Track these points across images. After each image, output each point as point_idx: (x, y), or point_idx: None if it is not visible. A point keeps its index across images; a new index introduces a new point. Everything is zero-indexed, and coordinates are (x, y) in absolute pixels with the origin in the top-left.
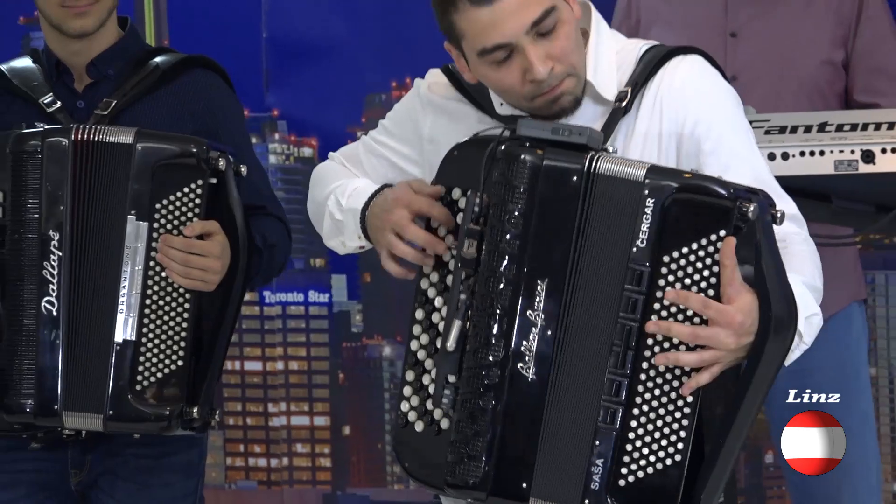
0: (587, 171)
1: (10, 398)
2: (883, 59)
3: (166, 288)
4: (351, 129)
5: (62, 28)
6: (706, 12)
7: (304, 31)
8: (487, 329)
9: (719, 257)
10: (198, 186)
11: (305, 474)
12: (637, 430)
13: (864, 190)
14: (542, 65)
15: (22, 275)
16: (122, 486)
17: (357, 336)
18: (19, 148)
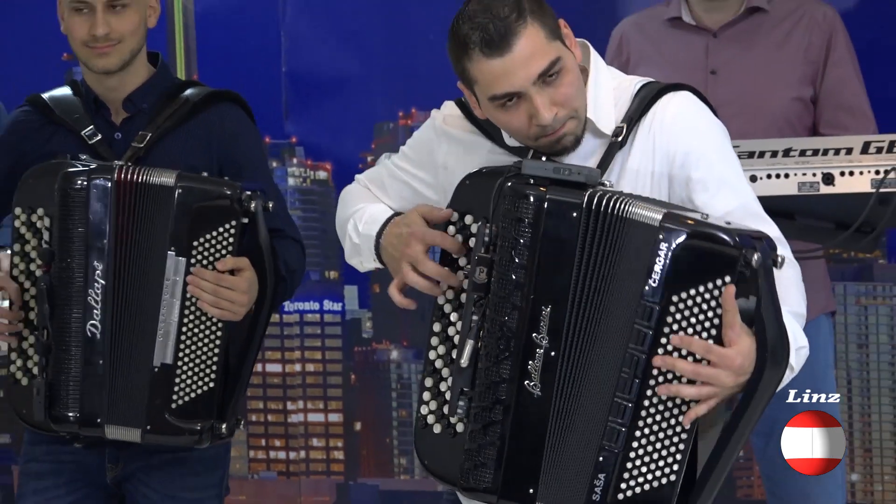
0: (586, 207)
1: (56, 410)
2: (847, 97)
3: (200, 317)
4: (362, 154)
5: (87, 65)
6: (689, 53)
7: (319, 66)
8: (497, 349)
9: (722, 301)
10: (231, 226)
11: (320, 466)
12: (637, 451)
13: (824, 209)
14: (547, 112)
15: (69, 300)
16: (157, 477)
17: (367, 341)
18: (66, 185)
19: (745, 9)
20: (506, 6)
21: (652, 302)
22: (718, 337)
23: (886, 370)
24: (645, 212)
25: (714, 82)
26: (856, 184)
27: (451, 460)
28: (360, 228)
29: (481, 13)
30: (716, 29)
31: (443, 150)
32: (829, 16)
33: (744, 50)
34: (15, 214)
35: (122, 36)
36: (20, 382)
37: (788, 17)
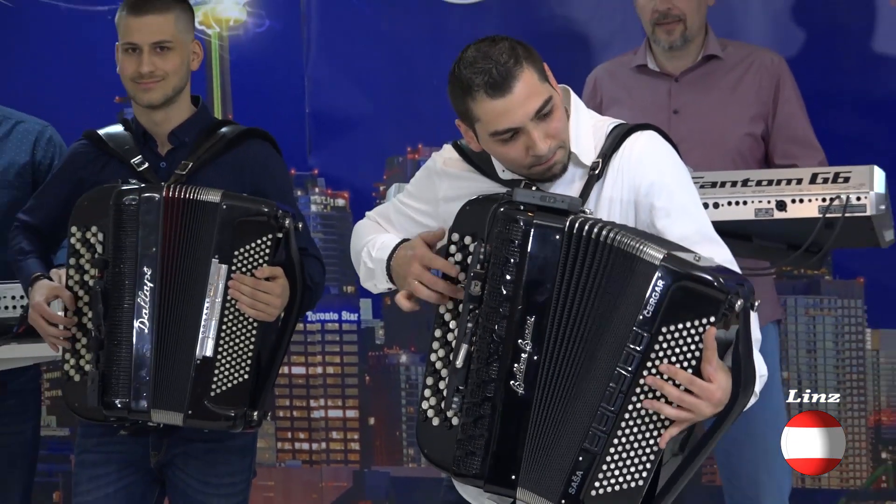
0: (567, 231)
1: (108, 397)
2: (796, 132)
3: (238, 317)
4: (375, 184)
5: (135, 99)
6: (654, 95)
7: (337, 107)
8: (487, 352)
9: (704, 339)
10: (268, 239)
11: (339, 455)
12: (613, 455)
13: (777, 232)
14: (543, 143)
15: (120, 301)
16: (193, 463)
17: (380, 347)
18: (119, 201)
19: (703, 56)
20: (503, 53)
21: (643, 330)
22: (697, 368)
23: (832, 372)
24: (647, 248)
25: (676, 121)
26: (805, 210)
27: (447, 449)
28: (374, 254)
29: (482, 59)
30: (677, 74)
31: (443, 188)
32: (777, 62)
33: (702, 92)
34: (71, 233)
35: (165, 74)
36: (73, 379)
37: (741, 63)
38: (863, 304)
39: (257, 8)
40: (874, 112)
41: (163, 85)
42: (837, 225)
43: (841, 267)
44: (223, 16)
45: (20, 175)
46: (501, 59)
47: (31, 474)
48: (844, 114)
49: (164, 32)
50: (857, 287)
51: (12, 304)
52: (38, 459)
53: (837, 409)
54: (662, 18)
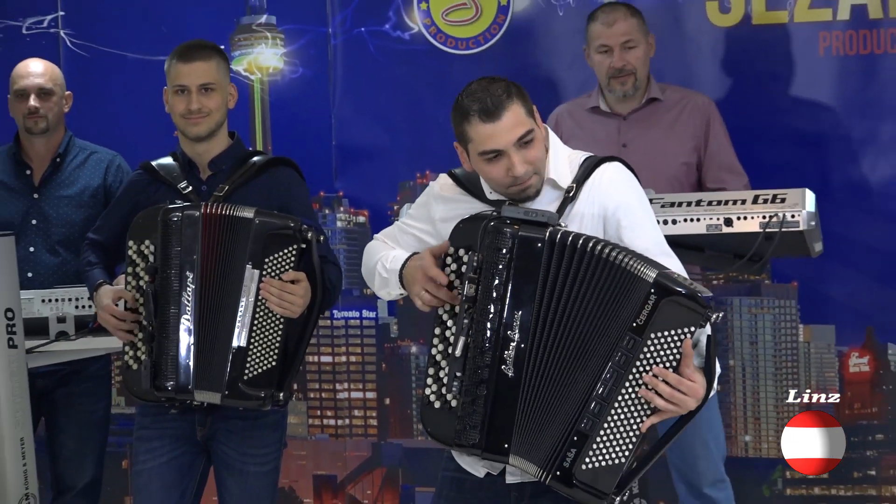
0: (548, 240)
1: (159, 381)
2: (724, 160)
3: (268, 314)
4: (390, 204)
5: (184, 133)
6: (606, 132)
7: (359, 140)
8: (482, 342)
9: (683, 346)
10: (293, 249)
11: (360, 430)
12: (602, 437)
13: (725, 244)
14: (521, 167)
15: (168, 300)
16: (233, 437)
17: (394, 339)
18: (166, 218)
19: (646, 99)
20: (499, 89)
21: (636, 334)
22: (676, 368)
23: (770, 361)
24: (643, 267)
25: (625, 153)
26: (748, 226)
27: (447, 427)
28: (388, 265)
29: (480, 91)
30: (625, 114)
31: (439, 210)
32: (707, 103)
33: (646, 129)
34: (129, 246)
35: (209, 111)
36: (132, 368)
37: (677, 104)
38: (796, 304)
39: (292, 58)
40: (807, 144)
41: (207, 120)
42: (775, 238)
43: (778, 273)
44: (264, 64)
45: (94, 196)
46: (496, 93)
47: (104, 445)
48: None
49: (208, 76)
50: (791, 290)
51: (88, 304)
52: (110, 433)
53: (776, 392)
54: (618, 73)
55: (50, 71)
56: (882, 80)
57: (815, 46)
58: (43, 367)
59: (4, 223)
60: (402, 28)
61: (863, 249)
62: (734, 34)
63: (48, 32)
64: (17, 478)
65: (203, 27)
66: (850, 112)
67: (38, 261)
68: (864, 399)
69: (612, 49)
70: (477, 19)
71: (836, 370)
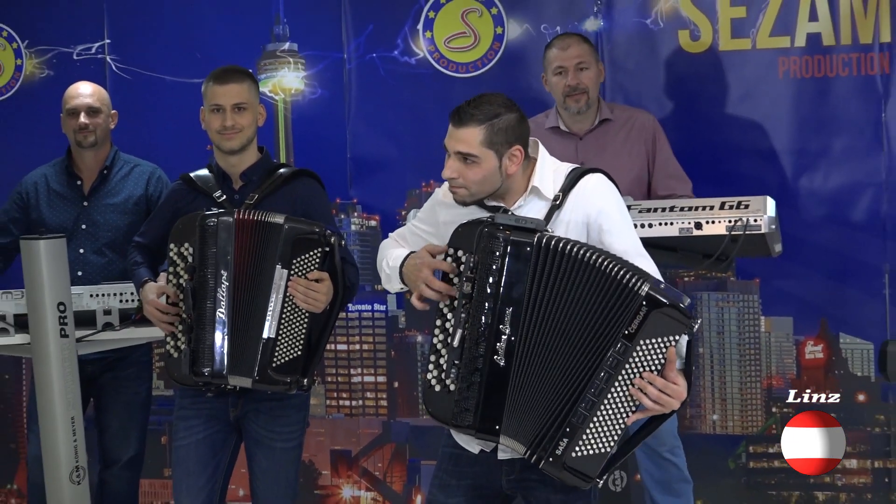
0: (536, 244)
1: (196, 367)
2: (671, 170)
3: (294, 309)
4: (398, 210)
5: (219, 147)
6: (565, 150)
7: (371, 152)
8: (477, 335)
9: (668, 353)
10: (318, 251)
11: (372, 410)
12: (592, 429)
13: (696, 245)
14: (447, 171)
15: (205, 296)
16: (262, 417)
17: (402, 330)
18: (203, 223)
19: (599, 120)
20: (480, 107)
21: (627, 342)
22: (661, 371)
23: (735, 349)
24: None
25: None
26: (716, 229)
27: (446, 408)
28: (390, 263)
29: (473, 99)
30: (581, 134)
31: (442, 214)
32: (651, 120)
33: (600, 148)
34: (170, 248)
35: (242, 127)
36: (172, 356)
37: (626, 123)
38: (758, 298)
39: (312, 81)
40: (768, 157)
41: (240, 136)
42: (740, 240)
43: (742, 271)
44: (287, 86)
45: (136, 204)
46: (471, 108)
47: (146, 423)
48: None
49: (241, 96)
50: (754, 286)
51: (131, 299)
52: (151, 412)
53: (740, 376)
54: (572, 91)
55: (98, 92)
56: (834, 99)
57: (775, 70)
58: (91, 354)
59: (58, 227)
60: (409, 54)
61: (817, 250)
62: (703, 59)
63: (96, 58)
64: (68, 452)
65: (233, 53)
66: (807, 128)
67: (86, 261)
68: (819, 382)
69: (567, 70)
70: (475, 46)
71: (794, 357)
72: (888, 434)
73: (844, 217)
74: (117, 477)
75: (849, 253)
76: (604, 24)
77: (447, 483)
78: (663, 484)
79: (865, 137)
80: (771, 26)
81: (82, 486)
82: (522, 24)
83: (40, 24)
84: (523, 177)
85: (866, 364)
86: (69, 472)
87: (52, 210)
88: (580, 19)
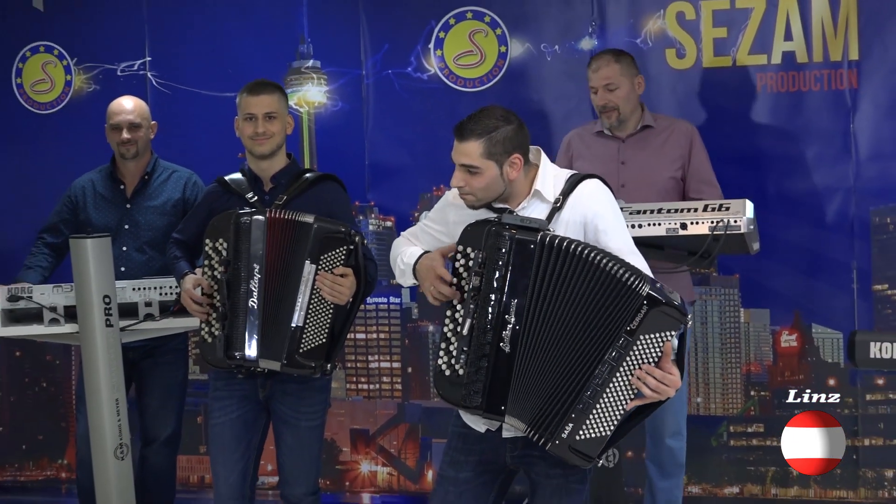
0: (539, 242)
1: (230, 351)
2: (703, 175)
3: (321, 300)
4: (412, 212)
5: (252, 152)
6: (607, 151)
7: (386, 158)
8: (485, 324)
9: (664, 347)
10: (344, 249)
11: (388, 393)
12: (594, 414)
13: (681, 243)
14: (454, 181)
15: (238, 286)
16: (288, 398)
17: (415, 320)
18: (237, 220)
19: (640, 126)
20: (479, 122)
21: (628, 338)
22: (657, 363)
23: (717, 338)
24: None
25: (623, 169)
26: (700, 229)
27: (455, 391)
28: (405, 260)
29: (474, 114)
30: (623, 137)
31: (452, 214)
32: (690, 128)
33: (640, 150)
34: (205, 243)
35: (272, 134)
36: (207, 341)
37: (665, 130)
38: (738, 292)
39: (333, 94)
40: (747, 163)
41: (270, 142)
42: (721, 239)
43: (723, 266)
44: (311, 99)
45: (175, 206)
46: (472, 122)
47: (182, 404)
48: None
49: (271, 106)
50: (734, 280)
51: (170, 292)
52: (187, 394)
53: (722, 362)
54: (602, 109)
55: (139, 107)
56: (807, 112)
57: (754, 85)
58: (133, 342)
59: (103, 227)
60: (421, 70)
61: (792, 248)
62: (689, 75)
63: (137, 74)
64: (113, 430)
65: (261, 70)
66: (782, 138)
67: (129, 258)
68: (793, 368)
69: (598, 90)
70: (481, 63)
71: (771, 345)
72: (856, 415)
73: (816, 218)
74: (157, 453)
75: (820, 251)
76: (598, 44)
77: (457, 459)
78: (660, 465)
79: (835, 146)
80: (750, 45)
81: (126, 461)
82: (524, 43)
83: (88, 43)
84: (526, 181)
85: (836, 352)
86: (114, 449)
87: (98, 212)
88: (576, 39)
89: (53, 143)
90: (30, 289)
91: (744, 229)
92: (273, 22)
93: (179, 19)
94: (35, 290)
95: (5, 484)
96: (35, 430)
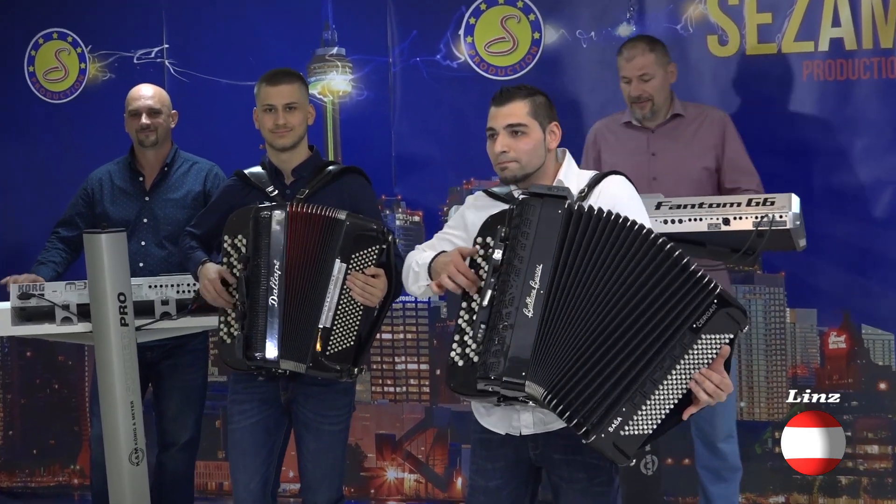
0: (567, 209)
1: (249, 352)
2: (740, 164)
3: (351, 301)
4: (440, 206)
5: (272, 145)
6: (637, 143)
7: (414, 150)
8: (506, 287)
9: (721, 350)
10: (376, 248)
11: (415, 396)
12: (644, 410)
13: (724, 240)
14: (500, 146)
15: (258, 284)
16: (311, 401)
17: (444, 320)
18: (257, 216)
19: (671, 115)
20: (522, 88)
21: (693, 335)
22: (710, 365)
23: (762, 339)
24: (699, 270)
25: (654, 161)
26: (743, 224)
27: (468, 381)
28: (420, 261)
29: (514, 84)
30: (653, 128)
31: (470, 216)
32: (722, 116)
33: (671, 140)
34: (224, 239)
35: (293, 126)
36: (225, 342)
37: (697, 118)
38: (784, 290)
39: (359, 83)
40: (793, 155)
41: (291, 134)
42: (766, 235)
43: (768, 264)
44: (336, 88)
45: (195, 199)
46: (514, 89)
47: (201, 408)
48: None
49: (292, 96)
50: (779, 279)
51: (187, 289)
52: (206, 398)
53: (766, 365)
54: (636, 100)
55: (158, 94)
56: (855, 101)
57: (800, 73)
58: (151, 342)
59: (121, 221)
60: (450, 58)
61: (840, 244)
62: (731, 63)
63: (155, 62)
64: (128, 435)
65: (284, 58)
66: (829, 129)
67: (148, 253)
68: (842, 371)
69: (631, 80)
70: (514, 50)
71: (818, 347)
72: None
73: (865, 213)
74: (174, 458)
75: (870, 247)
76: (636, 30)
77: (483, 468)
78: (714, 471)
79: (885, 137)
80: (796, 31)
81: (141, 466)
82: (558, 29)
83: (102, 30)
84: (553, 171)
85: (887, 354)
86: (129, 454)
87: (115, 205)
88: (613, 25)
89: (67, 133)
90: (42, 285)
91: (790, 225)
92: (296, 7)
93: (198, 4)
94: (47, 287)
95: (15, 490)
96: (47, 434)
